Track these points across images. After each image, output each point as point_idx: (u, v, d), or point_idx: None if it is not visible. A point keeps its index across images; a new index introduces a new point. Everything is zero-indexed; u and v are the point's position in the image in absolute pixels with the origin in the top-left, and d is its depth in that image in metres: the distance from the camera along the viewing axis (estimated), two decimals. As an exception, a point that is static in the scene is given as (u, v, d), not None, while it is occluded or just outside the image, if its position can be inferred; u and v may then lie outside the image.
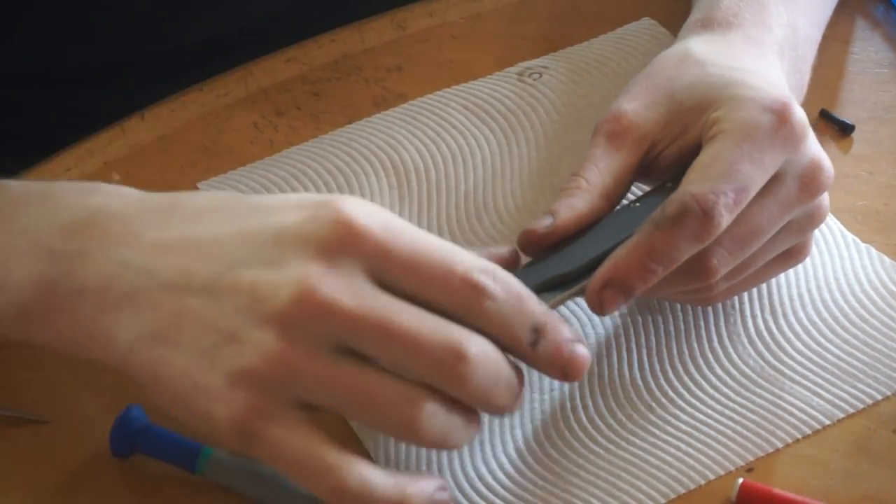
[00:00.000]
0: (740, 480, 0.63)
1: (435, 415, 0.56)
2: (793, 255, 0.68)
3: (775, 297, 0.71)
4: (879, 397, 0.67)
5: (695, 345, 0.69)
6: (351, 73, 0.85)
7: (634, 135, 0.67)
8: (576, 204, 0.65)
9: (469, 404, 0.58)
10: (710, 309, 0.70)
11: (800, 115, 0.65)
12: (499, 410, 0.58)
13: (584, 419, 0.66)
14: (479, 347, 0.56)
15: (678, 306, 0.70)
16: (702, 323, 0.70)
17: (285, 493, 0.62)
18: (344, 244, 0.56)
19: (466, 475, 0.64)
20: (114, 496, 0.64)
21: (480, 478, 0.64)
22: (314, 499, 0.61)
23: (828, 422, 0.66)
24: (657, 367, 0.68)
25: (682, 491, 0.63)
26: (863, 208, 0.75)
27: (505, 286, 0.57)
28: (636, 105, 0.68)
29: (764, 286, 0.71)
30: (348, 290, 0.55)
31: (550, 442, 0.65)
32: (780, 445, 0.65)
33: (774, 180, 0.64)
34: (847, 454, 0.65)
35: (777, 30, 0.73)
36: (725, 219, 0.62)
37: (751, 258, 0.65)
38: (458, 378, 0.56)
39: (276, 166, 0.79)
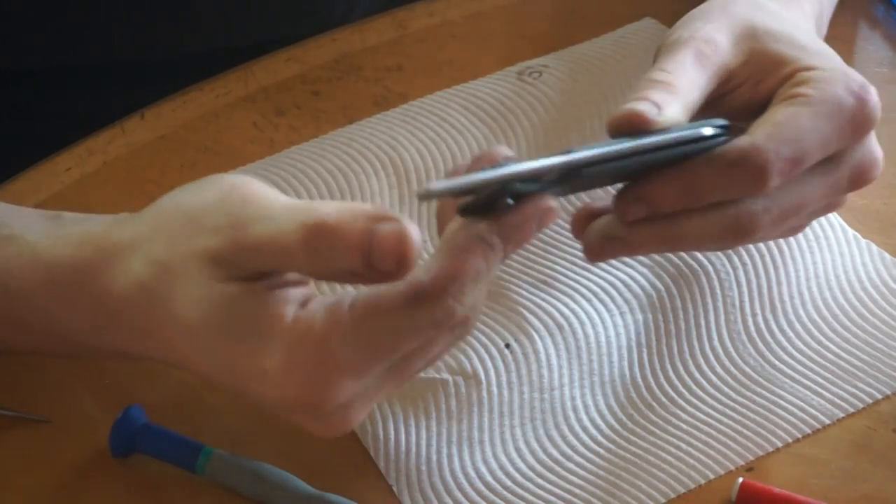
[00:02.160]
0: (740, 480, 0.63)
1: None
2: (797, 228, 0.68)
3: (775, 294, 0.71)
4: (879, 396, 0.67)
5: (695, 344, 0.69)
6: (351, 72, 0.86)
7: (718, 63, 0.66)
8: (675, 112, 0.62)
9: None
10: (710, 308, 0.70)
11: (877, 105, 0.64)
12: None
13: (584, 419, 0.66)
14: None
15: (678, 305, 0.70)
16: (702, 322, 0.70)
17: (285, 493, 0.62)
18: (308, 404, 0.55)
19: (466, 475, 0.64)
20: (114, 496, 0.64)
21: (480, 478, 0.64)
22: (314, 498, 0.62)
23: (828, 421, 0.66)
24: (657, 366, 0.68)
25: (682, 491, 0.63)
26: (863, 208, 0.75)
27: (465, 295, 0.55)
28: (722, 38, 0.66)
29: (764, 284, 0.71)
30: (352, 381, 0.55)
31: (550, 442, 0.65)
32: (779, 445, 0.65)
33: (831, 160, 0.64)
34: (847, 454, 0.65)
35: (816, 7, 0.74)
36: (775, 182, 0.61)
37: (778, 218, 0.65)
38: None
39: (276, 166, 0.79)
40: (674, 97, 0.63)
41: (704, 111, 0.66)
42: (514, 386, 0.67)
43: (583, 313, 0.70)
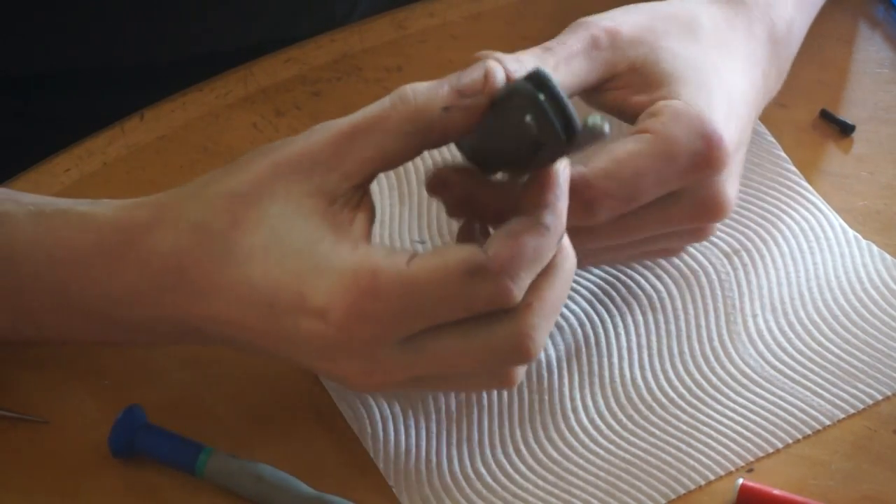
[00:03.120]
0: (740, 481, 0.63)
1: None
2: (659, 253, 0.70)
3: (776, 295, 0.71)
4: (880, 397, 0.67)
5: (695, 345, 0.69)
6: (351, 73, 0.85)
7: (611, 58, 0.66)
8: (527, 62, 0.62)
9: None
10: (710, 309, 0.70)
11: (725, 151, 0.64)
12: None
13: (584, 419, 0.66)
14: (540, 332, 0.58)
15: (678, 305, 0.70)
16: (703, 322, 0.70)
17: (285, 493, 0.62)
18: (367, 342, 0.57)
19: (466, 475, 0.64)
20: (114, 496, 0.63)
21: (480, 478, 0.64)
22: (314, 499, 0.61)
23: (828, 422, 0.66)
24: (657, 366, 0.68)
25: (683, 491, 0.63)
26: (863, 208, 0.75)
27: (520, 272, 0.57)
28: (626, 31, 0.66)
29: (764, 284, 0.71)
30: (395, 368, 0.58)
31: (550, 442, 0.65)
32: (780, 446, 0.65)
33: (671, 194, 0.64)
34: (847, 454, 0.65)
35: (780, 25, 0.73)
36: (604, 216, 0.63)
37: (618, 247, 0.66)
38: (530, 359, 0.59)
39: (276, 166, 0.79)
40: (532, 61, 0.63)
41: (581, 98, 0.67)
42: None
43: (583, 314, 0.70)
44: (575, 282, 0.72)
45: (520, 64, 0.62)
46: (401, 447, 0.65)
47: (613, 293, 0.71)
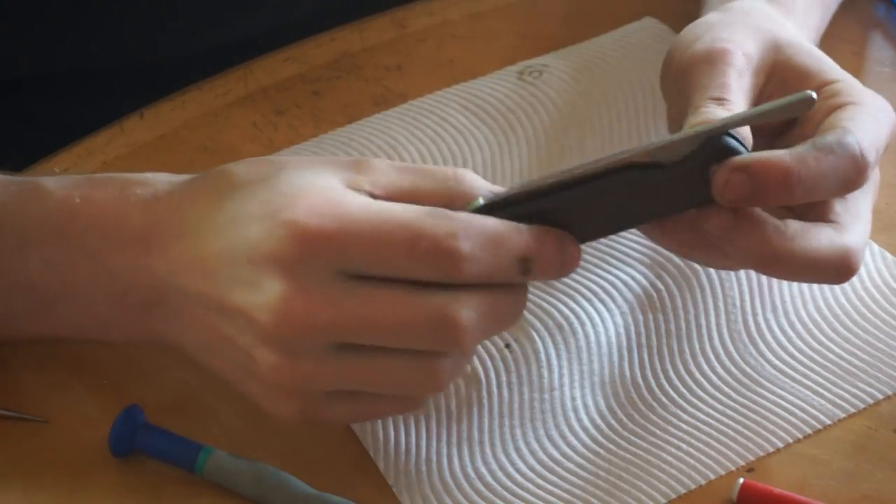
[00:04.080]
0: (741, 480, 0.63)
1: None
2: None
3: (776, 294, 0.71)
4: (880, 397, 0.67)
5: (695, 344, 0.69)
6: (351, 72, 0.85)
7: (755, 79, 0.66)
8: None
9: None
10: (710, 308, 0.70)
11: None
12: (509, 327, 0.61)
13: (584, 419, 0.66)
14: (467, 308, 0.57)
15: (678, 305, 0.70)
16: (703, 322, 0.70)
17: (285, 493, 0.62)
18: (304, 257, 0.57)
19: (466, 475, 0.64)
20: (114, 496, 0.63)
21: (480, 478, 0.64)
22: (314, 498, 0.61)
23: (828, 421, 0.66)
24: (657, 366, 0.68)
25: (683, 491, 0.63)
26: (864, 207, 0.75)
27: (477, 239, 0.57)
28: (751, 48, 0.66)
29: (765, 283, 0.71)
30: (322, 300, 0.57)
31: (551, 442, 0.65)
32: (780, 445, 0.65)
33: None
34: (848, 454, 0.65)
35: (812, 33, 0.75)
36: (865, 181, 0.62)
37: None
38: (457, 341, 0.57)
39: (276, 166, 0.79)
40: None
41: None
42: (514, 386, 0.67)
43: (583, 313, 0.70)
44: (575, 282, 0.72)
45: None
46: (401, 447, 0.65)
47: (614, 293, 0.71)
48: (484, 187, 0.60)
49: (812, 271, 0.61)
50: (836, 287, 0.71)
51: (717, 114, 0.62)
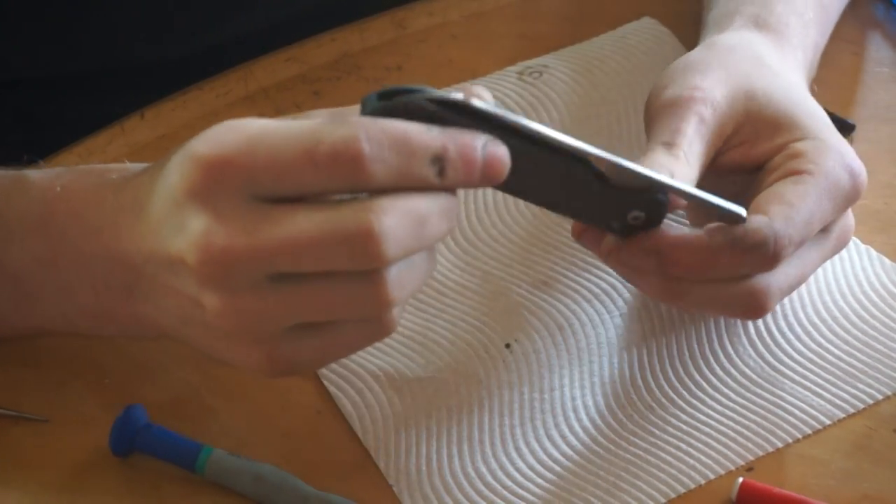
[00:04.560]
0: (740, 480, 0.63)
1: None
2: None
3: (775, 296, 0.71)
4: (880, 397, 0.67)
5: (695, 345, 0.69)
6: (351, 72, 0.85)
7: (719, 130, 0.66)
8: (685, 173, 0.63)
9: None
10: (710, 308, 0.70)
11: (865, 180, 0.66)
12: (439, 239, 0.58)
13: (584, 419, 0.66)
14: (381, 215, 0.55)
15: (678, 306, 0.71)
16: (702, 323, 0.70)
17: (285, 493, 0.62)
18: (209, 186, 0.56)
19: (466, 475, 0.64)
20: (114, 496, 0.64)
21: (480, 477, 0.64)
22: (314, 498, 0.61)
23: (828, 421, 0.66)
24: (657, 367, 0.68)
25: (682, 491, 0.63)
26: (863, 208, 0.75)
27: (379, 138, 0.54)
28: (720, 96, 0.66)
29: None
30: (238, 228, 0.55)
31: (551, 442, 0.65)
32: (780, 445, 0.65)
33: (823, 231, 0.65)
34: (847, 454, 0.65)
35: (809, 53, 0.75)
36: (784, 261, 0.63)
37: None
38: (378, 255, 0.55)
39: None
40: (686, 169, 0.63)
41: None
42: (514, 386, 0.67)
43: (583, 314, 0.70)
44: (575, 282, 0.72)
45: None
46: (401, 447, 0.65)
47: (613, 293, 0.71)
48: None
49: (714, 306, 0.64)
50: (835, 290, 0.71)
51: (661, 159, 0.63)
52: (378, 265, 0.56)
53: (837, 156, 0.65)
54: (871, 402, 0.67)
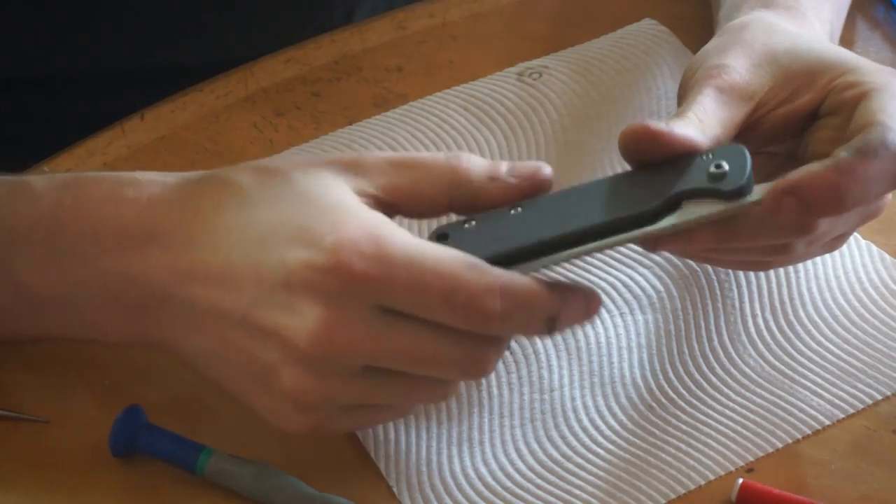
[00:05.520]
0: (740, 481, 0.63)
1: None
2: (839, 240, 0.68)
3: (775, 295, 0.71)
4: (879, 397, 0.67)
5: (695, 345, 0.69)
6: (351, 73, 0.85)
7: (743, 93, 0.65)
8: (689, 130, 0.62)
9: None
10: (710, 309, 0.70)
11: None
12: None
13: (584, 419, 0.66)
14: (494, 357, 0.60)
15: (678, 305, 0.70)
16: (702, 323, 0.70)
17: (285, 493, 0.62)
18: (346, 292, 0.57)
19: (466, 475, 0.64)
20: (114, 496, 0.64)
21: (480, 478, 0.64)
22: (314, 498, 0.61)
23: (828, 422, 0.66)
24: (657, 367, 0.68)
25: (682, 491, 0.63)
26: (863, 208, 0.75)
27: (511, 300, 0.58)
28: (740, 65, 0.66)
29: (764, 284, 0.71)
30: (363, 329, 0.58)
31: (551, 442, 0.65)
32: (780, 445, 0.65)
33: None
34: (847, 454, 0.65)
35: (826, 27, 0.74)
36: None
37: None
38: (478, 379, 0.62)
39: (277, 167, 0.79)
40: (697, 126, 0.63)
41: (746, 139, 0.65)
42: (514, 387, 0.67)
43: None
44: (575, 282, 0.72)
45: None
46: (401, 447, 0.65)
47: (613, 293, 0.71)
48: (481, 165, 0.62)
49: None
50: (836, 288, 0.71)
51: (668, 124, 0.62)
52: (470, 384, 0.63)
53: (884, 70, 0.65)
54: (870, 402, 0.67)
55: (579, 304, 0.60)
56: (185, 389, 0.67)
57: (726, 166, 0.59)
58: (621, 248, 0.73)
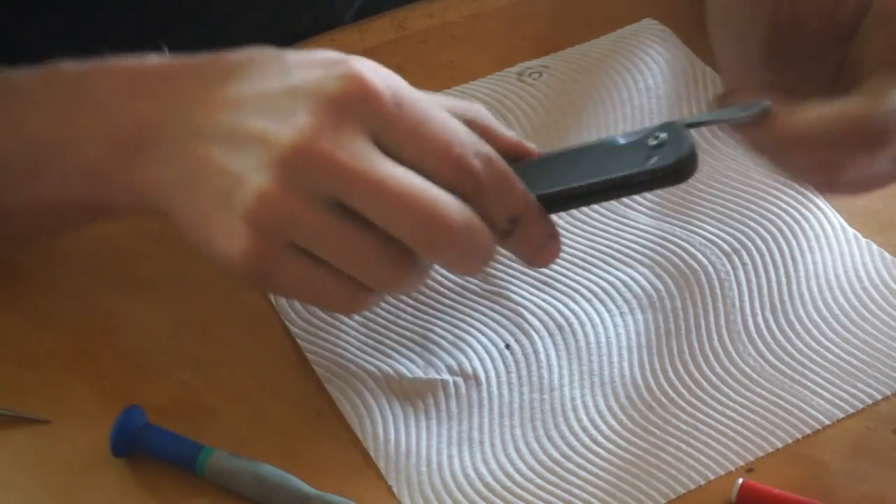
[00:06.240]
0: (740, 480, 0.63)
1: (416, 274, 0.61)
2: None
3: (775, 295, 0.71)
4: (879, 397, 0.67)
5: (695, 344, 0.69)
6: (351, 73, 0.85)
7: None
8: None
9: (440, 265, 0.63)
10: (710, 308, 0.70)
11: None
12: (463, 273, 0.64)
13: (584, 419, 0.66)
14: (463, 216, 0.59)
15: (678, 305, 0.70)
16: (702, 322, 0.70)
17: (285, 493, 0.62)
18: (351, 102, 0.58)
19: (466, 475, 0.64)
20: (114, 496, 0.64)
21: (480, 478, 0.64)
22: (314, 498, 0.62)
23: (827, 422, 0.66)
24: (657, 367, 0.68)
25: (682, 491, 0.63)
26: (863, 208, 0.75)
27: (495, 174, 0.60)
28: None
29: (764, 284, 0.71)
30: (346, 146, 0.58)
31: (550, 442, 0.65)
32: (780, 445, 0.65)
33: None
34: (847, 454, 0.65)
35: None
36: None
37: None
38: (439, 242, 0.59)
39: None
40: None
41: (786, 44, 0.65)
42: (514, 386, 0.68)
43: (583, 314, 0.70)
44: (575, 282, 0.72)
45: None
46: (401, 447, 0.65)
47: (614, 293, 0.71)
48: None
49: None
50: (836, 287, 0.71)
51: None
52: (424, 257, 0.60)
53: None
54: (870, 402, 0.67)
55: (541, 228, 0.62)
56: (185, 390, 0.67)
57: (664, 135, 0.62)
58: (621, 248, 0.73)
